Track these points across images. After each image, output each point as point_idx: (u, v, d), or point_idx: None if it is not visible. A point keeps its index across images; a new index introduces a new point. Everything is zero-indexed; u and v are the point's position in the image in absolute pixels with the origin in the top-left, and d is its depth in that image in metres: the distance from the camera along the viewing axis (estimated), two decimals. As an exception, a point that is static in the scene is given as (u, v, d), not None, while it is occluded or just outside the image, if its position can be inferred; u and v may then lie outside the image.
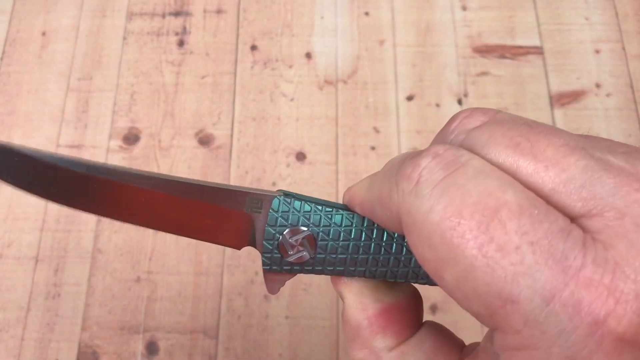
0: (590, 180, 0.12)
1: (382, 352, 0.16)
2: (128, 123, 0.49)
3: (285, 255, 0.19)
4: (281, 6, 0.53)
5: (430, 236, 0.12)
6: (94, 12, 0.53)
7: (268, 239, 0.19)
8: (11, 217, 0.46)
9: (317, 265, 0.18)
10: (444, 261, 0.12)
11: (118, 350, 0.42)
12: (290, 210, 0.18)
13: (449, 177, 0.12)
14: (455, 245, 0.12)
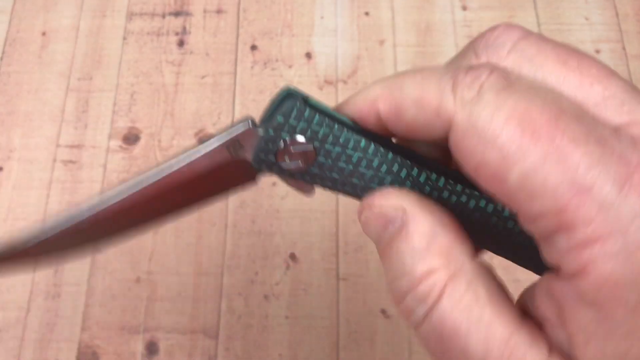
0: (629, 97, 0.13)
1: (465, 259, 0.14)
2: (128, 123, 0.49)
3: (279, 160, 0.17)
4: (281, 6, 0.53)
5: (497, 136, 0.13)
6: (94, 12, 0.53)
7: (268, 140, 0.17)
8: (11, 217, 0.46)
9: (308, 178, 0.17)
10: (511, 159, 0.12)
11: (118, 350, 0.42)
12: (300, 117, 0.16)
13: (511, 86, 0.13)
14: (527, 139, 0.12)
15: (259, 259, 0.44)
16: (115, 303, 0.43)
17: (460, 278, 0.14)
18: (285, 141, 0.16)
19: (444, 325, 0.14)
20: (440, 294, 0.14)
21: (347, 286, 0.44)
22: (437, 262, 0.14)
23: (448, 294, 0.14)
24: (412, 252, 0.14)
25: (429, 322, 0.14)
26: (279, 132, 0.16)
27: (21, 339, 0.43)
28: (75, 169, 0.47)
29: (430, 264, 0.14)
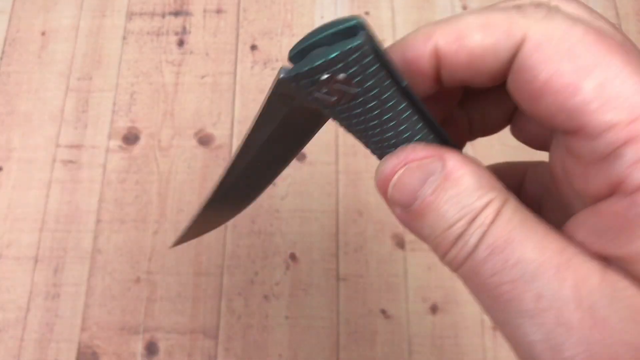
0: None
1: (507, 191, 0.15)
2: (128, 123, 0.49)
3: (314, 88, 0.15)
4: (281, 6, 0.53)
5: (575, 45, 0.13)
6: (93, 12, 0.53)
7: (308, 65, 0.15)
8: (11, 218, 0.46)
9: (329, 111, 0.16)
10: (588, 69, 0.13)
11: (118, 350, 0.42)
12: (358, 61, 0.14)
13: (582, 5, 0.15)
14: (605, 50, 0.13)
15: (259, 259, 0.44)
16: (115, 303, 0.43)
17: (510, 203, 0.15)
18: (330, 77, 0.15)
19: (498, 241, 0.14)
20: (494, 216, 0.14)
21: (347, 286, 0.43)
22: (492, 194, 0.15)
23: (502, 214, 0.14)
24: (467, 192, 0.15)
25: (482, 245, 0.14)
26: (326, 67, 0.15)
27: (21, 339, 0.43)
28: (75, 168, 0.47)
29: (488, 196, 0.15)
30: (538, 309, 0.13)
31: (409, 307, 0.43)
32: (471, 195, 0.15)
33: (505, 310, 0.14)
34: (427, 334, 0.42)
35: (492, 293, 0.14)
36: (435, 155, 0.15)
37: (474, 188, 0.15)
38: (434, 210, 0.15)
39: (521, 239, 0.14)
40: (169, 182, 0.47)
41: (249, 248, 0.44)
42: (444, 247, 0.15)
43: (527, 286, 0.13)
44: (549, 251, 0.14)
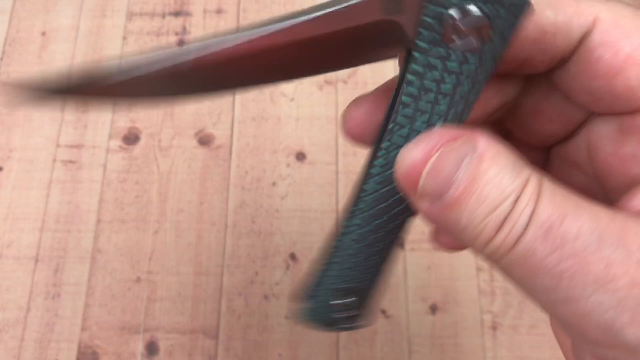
0: None
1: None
2: (128, 123, 0.49)
3: (447, 41, 0.14)
4: (281, 6, 0.53)
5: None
6: (93, 12, 0.53)
7: (428, 15, 0.13)
8: (11, 217, 0.46)
9: (480, 63, 0.14)
10: None
11: (118, 350, 0.42)
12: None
13: None
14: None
15: (259, 259, 0.44)
16: (115, 303, 0.43)
17: (547, 180, 0.14)
18: (454, 14, 0.13)
19: (552, 217, 0.13)
20: (537, 195, 0.14)
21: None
22: (527, 172, 0.14)
23: (544, 190, 0.14)
24: (505, 172, 0.14)
25: (535, 223, 0.13)
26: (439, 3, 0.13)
27: (21, 339, 0.43)
28: (75, 169, 0.47)
29: (525, 173, 0.14)
30: (610, 275, 0.13)
31: (409, 306, 0.43)
32: (510, 174, 0.14)
33: (571, 287, 0.13)
34: (427, 334, 0.42)
35: (553, 272, 0.13)
36: (465, 136, 0.14)
37: (511, 167, 0.14)
38: (473, 195, 0.14)
39: (574, 212, 0.13)
40: (169, 182, 0.47)
41: (249, 248, 0.45)
42: (488, 234, 0.14)
43: (594, 256, 0.13)
44: (603, 220, 0.13)
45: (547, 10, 0.15)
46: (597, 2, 0.15)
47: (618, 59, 0.14)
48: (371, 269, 0.18)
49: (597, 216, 0.13)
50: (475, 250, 0.15)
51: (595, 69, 0.15)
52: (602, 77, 0.15)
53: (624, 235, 0.13)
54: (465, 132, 0.15)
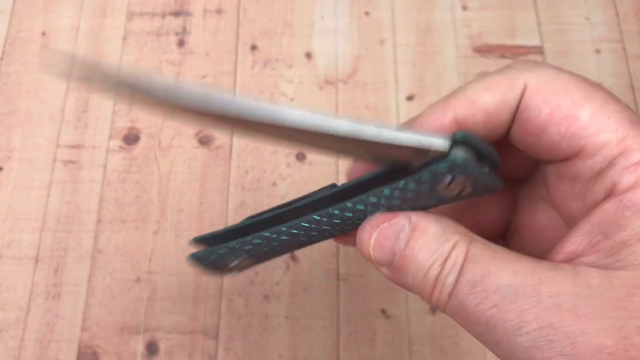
0: None
1: (470, 232, 0.18)
2: (128, 123, 0.49)
3: (437, 186, 0.18)
4: (281, 6, 0.53)
5: (567, 85, 0.17)
6: (94, 12, 0.53)
7: (431, 172, 0.17)
8: (11, 218, 0.46)
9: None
10: (580, 102, 0.17)
11: (118, 350, 0.42)
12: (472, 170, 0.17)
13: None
14: (590, 90, 0.17)
15: (259, 259, 0.44)
16: (116, 303, 0.43)
17: (477, 242, 0.17)
18: (447, 180, 0.17)
19: (476, 277, 0.16)
20: (465, 256, 0.16)
21: (347, 286, 0.43)
22: (456, 237, 0.17)
23: (471, 252, 0.16)
24: (434, 239, 0.17)
25: (462, 280, 0.16)
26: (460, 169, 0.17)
27: (21, 339, 0.43)
28: (75, 169, 0.47)
29: (453, 239, 0.17)
30: (523, 321, 0.15)
31: (409, 306, 0.43)
32: (438, 240, 0.17)
33: (495, 331, 0.16)
34: (427, 334, 0.42)
35: (480, 320, 0.16)
36: (401, 214, 0.18)
37: (439, 234, 0.17)
38: (411, 260, 0.17)
39: (496, 270, 0.16)
40: (169, 182, 0.47)
41: (249, 248, 0.44)
42: (427, 291, 0.17)
43: (510, 306, 0.15)
44: (522, 274, 0.16)
45: (484, 95, 0.18)
46: (525, 70, 0.18)
47: (540, 119, 0.17)
48: (281, 253, 0.23)
49: (518, 271, 0.16)
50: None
51: (526, 128, 0.18)
52: (531, 134, 0.18)
53: (538, 286, 0.15)
54: (400, 213, 0.18)
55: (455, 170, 0.17)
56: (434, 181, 0.17)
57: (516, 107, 0.18)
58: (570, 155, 0.17)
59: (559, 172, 0.19)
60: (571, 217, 0.19)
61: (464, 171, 0.17)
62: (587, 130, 0.17)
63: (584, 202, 0.17)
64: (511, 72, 0.18)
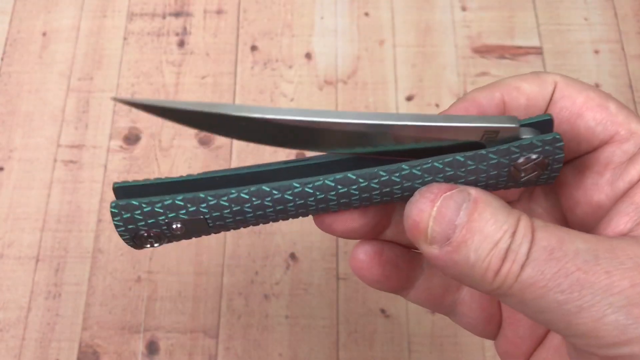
0: None
1: None
2: (128, 123, 0.49)
3: (515, 178, 0.18)
4: (281, 6, 0.53)
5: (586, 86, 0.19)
6: (94, 13, 0.53)
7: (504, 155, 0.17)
8: (12, 217, 0.46)
9: None
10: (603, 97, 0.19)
11: (118, 349, 0.42)
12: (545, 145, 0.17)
13: None
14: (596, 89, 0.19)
15: (259, 258, 0.44)
16: (116, 302, 0.44)
17: (536, 218, 0.17)
18: (528, 159, 0.18)
19: (552, 242, 0.16)
20: (532, 228, 0.16)
21: (347, 286, 0.44)
22: (518, 211, 0.17)
23: (537, 223, 0.16)
24: (500, 211, 0.16)
25: (537, 249, 0.16)
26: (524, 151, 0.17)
27: (22, 339, 0.43)
28: (76, 169, 0.48)
29: (516, 212, 0.17)
30: (613, 281, 0.15)
31: (409, 306, 0.43)
32: (503, 213, 0.16)
33: (581, 296, 0.15)
34: (427, 333, 0.42)
35: (562, 286, 0.15)
36: (459, 187, 0.17)
37: (502, 208, 0.17)
38: (477, 233, 0.16)
39: (568, 237, 0.16)
40: (169, 182, 0.47)
41: (249, 247, 0.45)
42: (495, 266, 0.16)
43: (596, 268, 0.15)
44: (593, 242, 0.16)
45: (524, 84, 0.20)
46: (552, 74, 0.20)
47: (576, 106, 0.19)
48: (241, 226, 0.20)
49: (588, 239, 0.16)
50: (485, 287, 0.17)
51: (561, 116, 0.19)
52: (566, 122, 0.19)
53: (613, 250, 0.15)
54: (457, 185, 0.17)
55: (536, 150, 0.17)
56: (507, 158, 0.17)
57: (550, 98, 0.19)
58: (604, 141, 0.19)
59: (585, 166, 0.19)
60: (598, 207, 0.19)
61: (543, 152, 0.17)
62: (617, 118, 0.18)
63: (614, 188, 0.18)
64: (541, 73, 0.20)
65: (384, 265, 0.22)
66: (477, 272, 0.16)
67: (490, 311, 0.23)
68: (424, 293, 0.23)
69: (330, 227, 0.21)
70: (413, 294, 0.23)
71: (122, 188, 0.18)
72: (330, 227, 0.21)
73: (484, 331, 0.23)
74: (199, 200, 0.18)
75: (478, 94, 0.20)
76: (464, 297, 0.23)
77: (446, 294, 0.23)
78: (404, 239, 0.22)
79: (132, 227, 0.18)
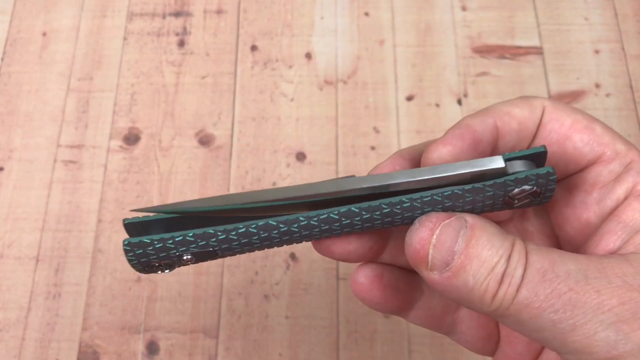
0: None
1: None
2: (128, 123, 0.49)
3: (508, 204, 0.19)
4: (281, 6, 0.53)
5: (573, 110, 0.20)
6: (94, 13, 0.53)
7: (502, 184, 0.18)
8: (12, 217, 0.46)
9: None
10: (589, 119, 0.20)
11: (118, 350, 0.42)
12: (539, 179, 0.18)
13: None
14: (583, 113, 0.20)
15: (259, 258, 0.44)
16: (116, 303, 0.44)
17: (529, 242, 0.18)
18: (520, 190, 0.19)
19: (545, 265, 0.16)
20: (526, 251, 0.17)
21: (347, 286, 0.44)
22: (512, 236, 0.17)
23: (530, 247, 0.17)
24: (495, 237, 0.17)
25: (531, 271, 0.16)
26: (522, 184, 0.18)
27: (22, 339, 0.43)
28: (76, 169, 0.48)
29: (510, 236, 0.17)
30: (602, 300, 0.16)
31: (409, 306, 0.43)
32: (498, 239, 0.17)
33: (574, 315, 0.16)
34: (427, 333, 0.42)
35: (556, 306, 0.16)
36: (456, 214, 0.18)
37: (498, 233, 0.17)
38: (474, 258, 0.17)
39: (560, 259, 0.17)
40: (169, 182, 0.47)
41: (249, 248, 0.45)
42: (492, 289, 0.17)
43: (586, 287, 0.16)
44: (583, 262, 0.17)
45: (515, 109, 0.20)
46: (540, 98, 0.20)
47: (564, 128, 0.20)
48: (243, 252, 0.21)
49: (578, 259, 0.17)
50: (483, 309, 0.17)
51: (550, 138, 0.20)
52: (555, 143, 0.20)
53: (602, 270, 0.16)
54: (455, 214, 0.18)
55: (531, 182, 0.18)
56: (502, 190, 0.18)
57: (539, 121, 0.20)
58: (591, 161, 0.20)
59: (573, 185, 0.20)
60: (587, 224, 0.20)
61: (537, 184, 0.18)
62: (603, 139, 0.19)
63: (602, 206, 0.19)
64: (529, 98, 0.20)
65: (385, 288, 0.23)
66: (475, 295, 0.17)
67: (488, 330, 0.23)
68: (424, 314, 0.24)
69: (328, 250, 0.23)
70: (413, 314, 0.24)
71: (133, 224, 0.19)
72: (329, 249, 0.23)
73: (483, 349, 0.24)
74: (208, 235, 0.19)
75: (472, 121, 0.20)
76: (462, 317, 0.23)
77: (445, 315, 0.23)
78: (402, 261, 0.23)
79: (144, 260, 0.19)
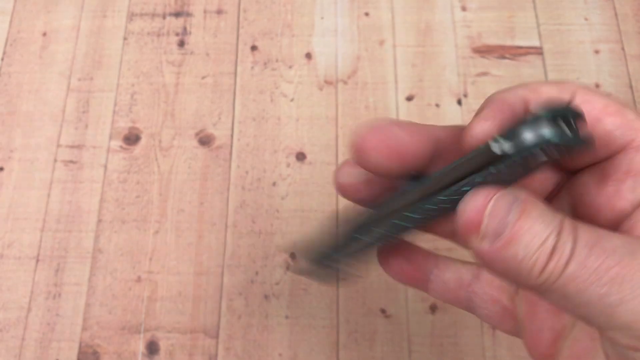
0: None
1: None
2: (128, 123, 0.49)
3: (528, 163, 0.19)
4: (281, 6, 0.53)
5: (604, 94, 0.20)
6: (94, 13, 0.53)
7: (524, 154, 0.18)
8: (12, 217, 0.46)
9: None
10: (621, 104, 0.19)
11: (119, 350, 0.42)
12: None
13: None
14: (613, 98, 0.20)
15: (259, 258, 0.44)
16: (116, 303, 0.44)
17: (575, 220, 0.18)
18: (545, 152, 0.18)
19: (592, 239, 0.17)
20: (575, 227, 0.17)
21: (347, 286, 0.44)
22: (561, 213, 0.18)
23: (578, 225, 0.17)
24: (547, 211, 0.17)
25: (580, 245, 0.17)
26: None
27: (22, 339, 0.43)
28: (76, 169, 0.48)
29: (560, 214, 0.17)
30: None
31: (409, 306, 0.43)
32: (550, 214, 0.17)
33: (622, 289, 0.16)
34: (427, 333, 0.42)
35: (603, 280, 0.16)
36: (505, 189, 0.18)
37: (548, 209, 0.18)
38: (527, 231, 0.17)
39: (606, 235, 0.17)
40: (169, 182, 0.47)
41: (249, 248, 0.45)
42: (542, 263, 0.17)
43: (633, 262, 0.16)
44: (626, 238, 0.17)
45: (542, 88, 0.20)
46: (572, 82, 0.20)
47: (595, 111, 0.19)
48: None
49: (622, 237, 0.17)
50: (530, 283, 0.18)
51: None
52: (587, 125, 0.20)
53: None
54: (506, 188, 0.18)
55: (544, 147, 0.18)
56: (526, 159, 0.18)
57: None
58: (621, 146, 0.19)
59: (604, 173, 0.20)
60: (622, 213, 0.20)
61: (550, 146, 0.18)
62: (635, 124, 0.19)
63: (636, 195, 0.19)
64: (559, 81, 0.20)
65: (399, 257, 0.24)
66: (524, 267, 0.17)
67: (501, 304, 0.24)
68: (440, 287, 0.25)
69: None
70: (431, 287, 0.25)
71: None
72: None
73: (502, 325, 0.24)
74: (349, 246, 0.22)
75: (504, 95, 0.20)
76: (476, 291, 0.24)
77: (459, 289, 0.25)
78: None
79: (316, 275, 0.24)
